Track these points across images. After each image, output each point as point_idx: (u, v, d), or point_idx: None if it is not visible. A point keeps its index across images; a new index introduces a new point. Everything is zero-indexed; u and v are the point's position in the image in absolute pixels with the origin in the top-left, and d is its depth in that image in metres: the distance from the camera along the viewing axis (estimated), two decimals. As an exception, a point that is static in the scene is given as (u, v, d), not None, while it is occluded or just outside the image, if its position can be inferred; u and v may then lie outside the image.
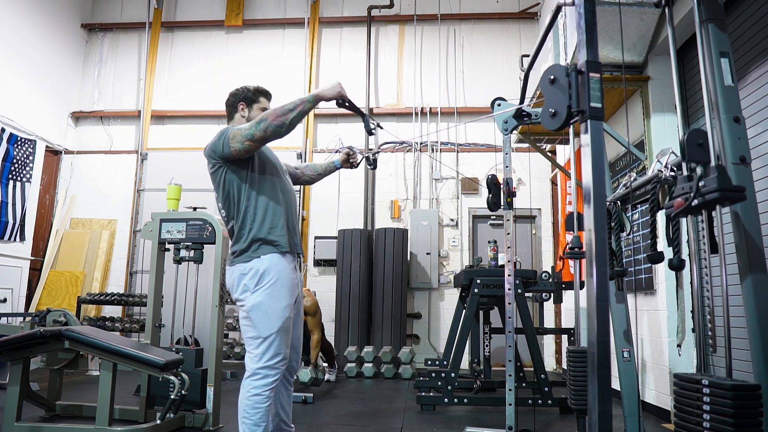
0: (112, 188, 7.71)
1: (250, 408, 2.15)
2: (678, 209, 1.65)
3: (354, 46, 7.84)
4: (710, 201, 1.57)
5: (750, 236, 1.74)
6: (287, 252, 2.30)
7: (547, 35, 2.64)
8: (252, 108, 2.47)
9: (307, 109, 2.20)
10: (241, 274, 2.25)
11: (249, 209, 2.28)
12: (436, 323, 7.04)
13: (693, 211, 1.64)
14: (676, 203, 1.65)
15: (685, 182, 1.67)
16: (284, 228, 2.31)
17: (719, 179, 1.55)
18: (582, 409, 2.78)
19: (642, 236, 4.17)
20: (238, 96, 2.48)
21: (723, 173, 1.56)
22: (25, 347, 3.08)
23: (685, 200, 1.63)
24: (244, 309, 2.25)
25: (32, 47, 7.17)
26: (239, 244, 2.28)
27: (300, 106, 2.17)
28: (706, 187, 1.57)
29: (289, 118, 2.16)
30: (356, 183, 7.40)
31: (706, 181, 1.58)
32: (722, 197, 1.54)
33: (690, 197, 1.61)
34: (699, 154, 1.67)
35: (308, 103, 2.20)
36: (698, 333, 2.74)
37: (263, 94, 2.51)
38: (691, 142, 1.68)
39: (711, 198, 1.56)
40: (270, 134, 2.18)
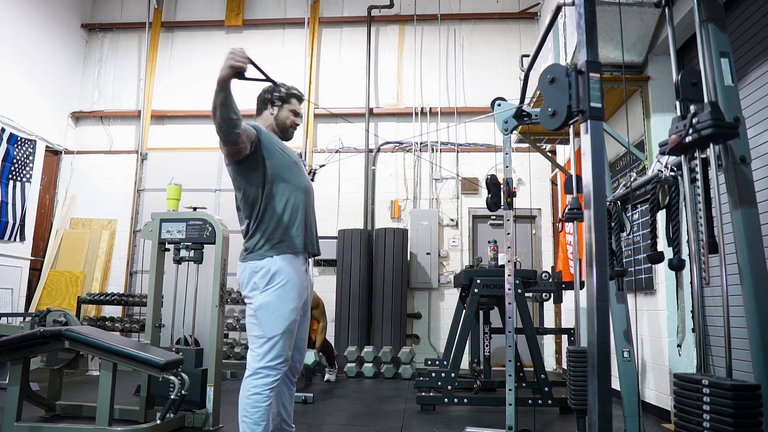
0: (112, 188, 7.71)
1: (250, 407, 2.15)
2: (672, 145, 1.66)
3: (354, 46, 7.84)
4: (704, 137, 1.58)
5: (750, 236, 1.74)
6: (300, 252, 2.30)
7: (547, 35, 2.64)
8: (282, 108, 2.44)
9: (222, 99, 2.02)
10: (252, 272, 2.24)
11: (267, 209, 2.27)
12: (436, 323, 7.04)
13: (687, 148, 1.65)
14: (671, 140, 1.66)
15: (679, 121, 1.68)
16: (300, 227, 2.31)
17: (712, 113, 1.56)
18: (582, 409, 2.78)
19: (642, 236, 4.17)
20: (270, 93, 2.44)
21: (716, 108, 1.57)
22: (25, 347, 3.08)
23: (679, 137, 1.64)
24: (251, 307, 2.25)
25: (32, 47, 7.17)
26: (253, 241, 2.27)
27: (217, 99, 2.04)
28: (700, 123, 1.59)
29: (217, 116, 2.06)
30: (356, 183, 7.40)
31: (700, 117, 1.59)
32: (716, 132, 1.56)
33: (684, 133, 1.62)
34: (693, 93, 1.69)
35: (218, 93, 2.03)
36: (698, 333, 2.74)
37: (296, 97, 2.48)
38: (685, 81, 1.70)
39: (705, 133, 1.57)
40: (222, 135, 2.10)
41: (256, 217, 2.28)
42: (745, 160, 1.79)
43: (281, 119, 2.45)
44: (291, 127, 2.49)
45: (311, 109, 7.56)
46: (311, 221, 2.41)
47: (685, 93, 1.68)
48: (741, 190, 1.77)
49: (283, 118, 2.45)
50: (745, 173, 1.78)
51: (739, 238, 1.75)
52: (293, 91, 2.49)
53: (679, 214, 1.99)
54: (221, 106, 2.04)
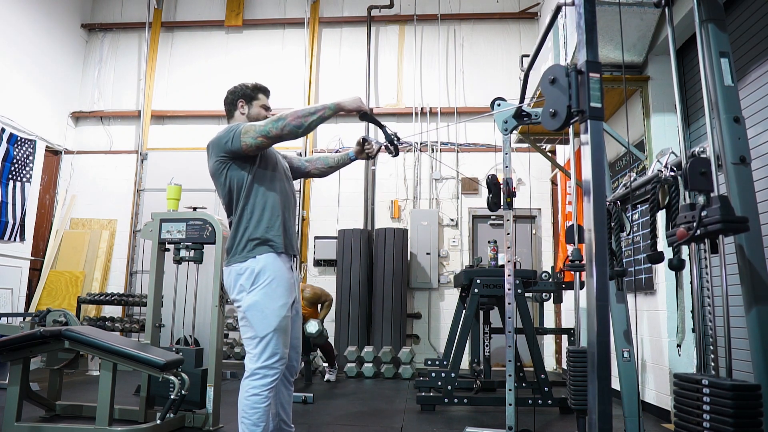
0: (112, 188, 7.71)
1: (249, 408, 2.15)
2: (681, 239, 1.64)
3: (354, 46, 7.84)
4: (713, 231, 1.56)
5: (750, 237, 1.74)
6: (282, 252, 2.30)
7: (547, 35, 2.64)
8: (252, 105, 2.46)
9: (327, 116, 2.24)
10: (237, 275, 2.25)
11: (247, 207, 2.28)
12: (436, 323, 7.04)
13: (696, 240, 1.63)
14: (679, 233, 1.64)
15: (687, 211, 1.66)
16: (280, 229, 2.31)
17: (722, 210, 1.53)
18: (582, 409, 2.78)
19: (642, 236, 4.17)
20: (236, 93, 2.47)
21: (726, 204, 1.55)
22: (25, 347, 3.08)
23: (687, 230, 1.62)
24: (241, 309, 2.25)
25: (32, 47, 7.17)
26: (235, 242, 2.27)
27: (321, 112, 2.21)
28: (709, 217, 1.56)
29: (308, 120, 2.19)
30: (356, 183, 7.40)
31: (709, 212, 1.57)
32: (725, 228, 1.53)
33: (693, 227, 1.60)
34: (702, 183, 1.66)
35: (329, 110, 2.24)
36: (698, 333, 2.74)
37: (262, 91, 2.51)
38: (694, 170, 1.67)
39: (714, 229, 1.55)
40: (286, 133, 2.19)
41: (238, 217, 2.29)
42: (745, 160, 1.79)
43: (253, 116, 2.45)
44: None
45: (311, 109, 7.55)
46: (290, 224, 2.41)
47: (694, 184, 1.67)
48: (741, 189, 1.77)
49: (255, 114, 2.46)
50: (745, 173, 1.78)
51: (739, 238, 1.75)
52: (259, 85, 2.51)
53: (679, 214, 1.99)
54: (320, 119, 2.23)
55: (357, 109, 2.34)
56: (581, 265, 2.78)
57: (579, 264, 2.78)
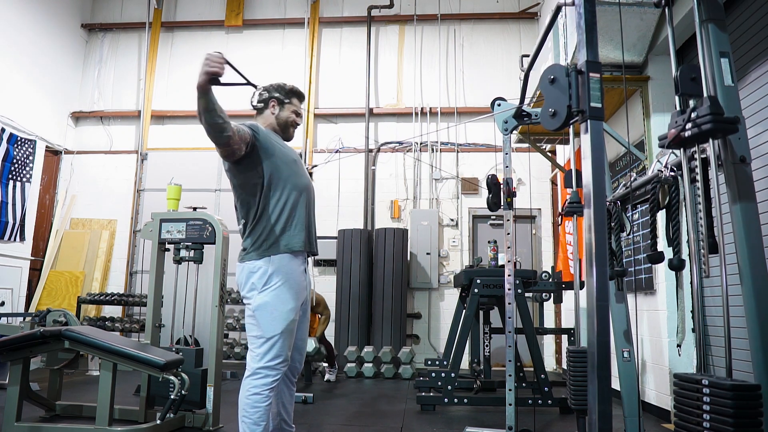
0: (112, 188, 7.72)
1: (250, 407, 2.15)
2: (671, 139, 1.65)
3: (354, 46, 7.84)
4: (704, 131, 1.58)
5: (750, 236, 1.74)
6: (299, 252, 2.29)
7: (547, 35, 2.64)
8: (284, 107, 2.44)
9: (204, 105, 2.01)
10: (250, 272, 2.24)
11: (264, 209, 2.27)
12: (436, 323, 7.04)
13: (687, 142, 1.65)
14: (670, 134, 1.66)
15: (679, 115, 1.68)
16: (299, 226, 2.30)
17: (711, 108, 1.55)
18: (582, 409, 2.78)
19: (642, 236, 4.17)
20: (272, 92, 2.44)
21: (715, 103, 1.57)
22: (25, 347, 3.08)
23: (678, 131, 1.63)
24: (250, 307, 2.25)
25: (32, 47, 7.17)
26: (250, 241, 2.27)
27: (198, 106, 2.04)
28: (699, 117, 1.58)
29: (203, 121, 2.06)
30: (356, 183, 7.40)
31: (699, 111, 1.59)
32: (715, 127, 1.55)
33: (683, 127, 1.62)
34: (692, 88, 1.68)
35: (199, 99, 2.02)
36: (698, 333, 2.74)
37: (297, 96, 2.49)
38: (684, 76, 1.69)
39: (705, 128, 1.57)
40: (214, 139, 2.10)
41: (254, 217, 2.28)
42: (745, 160, 1.79)
43: (282, 118, 2.44)
44: (292, 126, 2.49)
45: (311, 109, 7.56)
46: (311, 220, 2.40)
47: (684, 87, 1.68)
48: (741, 189, 1.77)
49: (285, 117, 2.45)
50: (745, 173, 1.78)
51: (739, 237, 1.75)
52: (295, 90, 2.49)
53: (679, 214, 1.99)
54: (205, 112, 2.03)
55: (207, 75, 1.98)
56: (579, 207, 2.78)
57: (578, 205, 2.78)
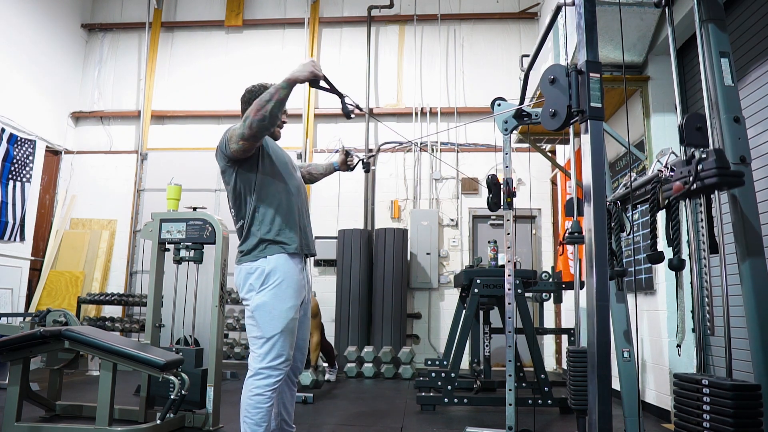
0: (112, 188, 7.72)
1: (252, 407, 2.15)
2: (677, 193, 1.64)
3: (354, 46, 7.84)
4: (709, 185, 1.56)
5: (750, 236, 1.74)
6: (295, 253, 2.30)
7: (547, 35, 2.64)
8: None
9: (283, 96, 2.13)
10: (247, 273, 2.24)
11: (259, 209, 2.27)
12: (436, 323, 7.04)
13: (692, 194, 1.63)
14: (675, 186, 1.65)
15: (684, 166, 1.66)
16: (294, 228, 2.30)
17: (717, 162, 1.54)
18: (582, 409, 2.78)
19: (642, 236, 4.17)
20: (254, 93, 2.44)
21: (721, 157, 1.55)
22: (25, 347, 3.08)
23: (684, 184, 1.62)
24: (249, 308, 2.25)
25: (32, 47, 7.17)
26: (247, 243, 2.27)
27: (275, 95, 2.12)
28: (705, 170, 1.56)
29: (268, 108, 2.11)
30: (356, 183, 7.40)
31: (705, 165, 1.57)
32: (721, 181, 1.53)
33: (689, 180, 1.60)
34: (698, 138, 1.67)
35: (283, 89, 2.12)
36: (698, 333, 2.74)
37: None
38: (690, 126, 1.68)
39: (710, 182, 1.55)
40: (257, 129, 2.13)
41: (250, 218, 2.28)
42: (745, 160, 1.79)
43: None
44: (278, 126, 2.48)
45: (311, 110, 7.56)
46: (305, 222, 2.41)
47: (690, 138, 1.66)
48: (741, 190, 1.77)
49: None
50: (745, 173, 1.78)
51: (739, 238, 1.75)
52: None
53: (679, 214, 1.99)
54: (278, 102, 2.11)
55: (310, 77, 2.16)
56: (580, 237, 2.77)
57: (578, 236, 2.77)
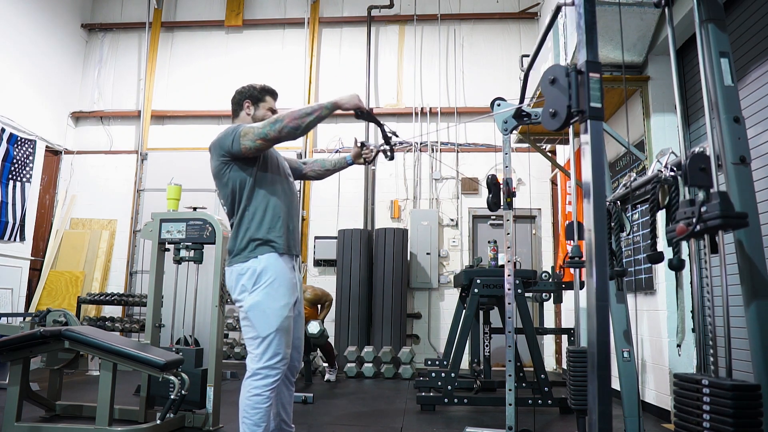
0: (112, 188, 7.72)
1: (251, 408, 2.15)
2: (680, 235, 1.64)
3: (354, 46, 7.84)
4: (712, 227, 1.55)
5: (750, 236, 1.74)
6: (284, 253, 2.30)
7: (547, 35, 2.64)
8: (258, 107, 2.46)
9: (324, 115, 2.21)
10: (239, 275, 2.25)
11: (249, 208, 2.28)
12: (436, 323, 7.04)
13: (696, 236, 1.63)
14: (679, 229, 1.64)
15: (687, 206, 1.66)
16: (283, 229, 2.31)
17: (722, 206, 1.53)
18: (582, 409, 2.78)
19: (642, 236, 4.17)
20: (244, 94, 2.47)
21: (725, 200, 1.55)
22: (25, 347, 3.08)
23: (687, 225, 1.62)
24: (242, 309, 2.25)
25: (32, 47, 7.17)
26: (236, 243, 2.27)
27: (317, 112, 2.19)
28: (709, 213, 1.56)
29: (306, 121, 2.17)
30: (356, 183, 7.40)
31: (709, 207, 1.57)
32: (725, 224, 1.53)
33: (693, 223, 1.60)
34: (701, 179, 1.67)
35: (326, 109, 2.21)
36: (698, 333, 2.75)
37: (269, 93, 2.51)
38: (693, 166, 1.67)
39: (713, 224, 1.55)
40: (284, 135, 2.19)
41: (239, 217, 2.29)
42: (745, 160, 1.79)
43: (259, 118, 2.45)
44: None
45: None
46: (294, 225, 2.41)
47: (694, 179, 1.67)
48: (741, 190, 1.77)
49: (261, 116, 2.45)
50: (745, 173, 1.78)
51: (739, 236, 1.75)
52: (267, 88, 2.51)
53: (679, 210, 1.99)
54: (317, 119, 2.20)
55: (354, 108, 2.30)
56: (581, 262, 2.77)
57: (579, 261, 2.78)
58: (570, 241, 2.94)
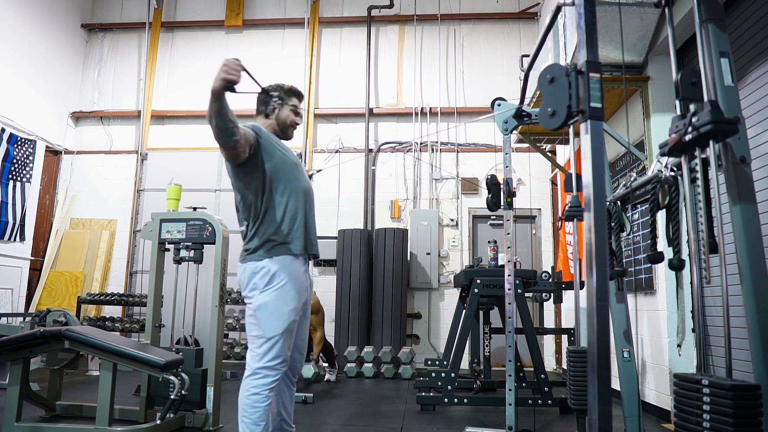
0: (112, 188, 7.72)
1: (249, 407, 2.15)
2: (672, 144, 1.66)
3: (354, 46, 7.84)
4: (704, 134, 1.59)
5: (750, 236, 1.74)
6: (300, 254, 2.30)
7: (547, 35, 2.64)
8: (283, 107, 2.43)
9: (217, 107, 1.99)
10: (252, 273, 2.24)
11: (267, 212, 2.27)
12: (436, 323, 7.04)
13: (687, 147, 1.66)
14: (671, 139, 1.67)
15: (679, 120, 1.69)
16: (300, 229, 2.31)
17: (712, 112, 1.56)
18: (582, 409, 2.78)
19: (642, 236, 4.17)
20: (270, 92, 2.44)
21: (716, 107, 1.58)
22: (25, 347, 3.08)
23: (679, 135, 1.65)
24: (251, 307, 2.25)
25: (32, 47, 7.17)
26: (253, 242, 2.27)
27: (211, 108, 2.00)
28: (700, 120, 1.59)
29: (213, 122, 2.04)
30: (356, 183, 7.40)
31: (700, 116, 1.60)
32: (715, 129, 1.57)
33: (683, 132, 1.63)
34: (692, 92, 1.70)
35: (213, 102, 1.99)
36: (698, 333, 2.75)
37: (295, 95, 2.48)
38: (685, 80, 1.70)
39: (705, 131, 1.58)
40: (220, 140, 2.08)
41: (255, 220, 2.28)
42: (745, 160, 1.78)
43: (282, 118, 2.44)
44: (291, 126, 2.48)
45: (311, 110, 7.56)
46: (311, 223, 2.41)
47: (685, 92, 1.69)
48: (741, 189, 1.77)
49: (284, 117, 2.44)
50: (745, 173, 1.78)
51: (739, 237, 1.75)
52: (294, 89, 2.49)
53: (679, 214, 1.99)
54: (216, 116, 2.01)
55: (222, 84, 1.95)
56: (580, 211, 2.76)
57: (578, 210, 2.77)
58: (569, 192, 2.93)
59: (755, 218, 1.76)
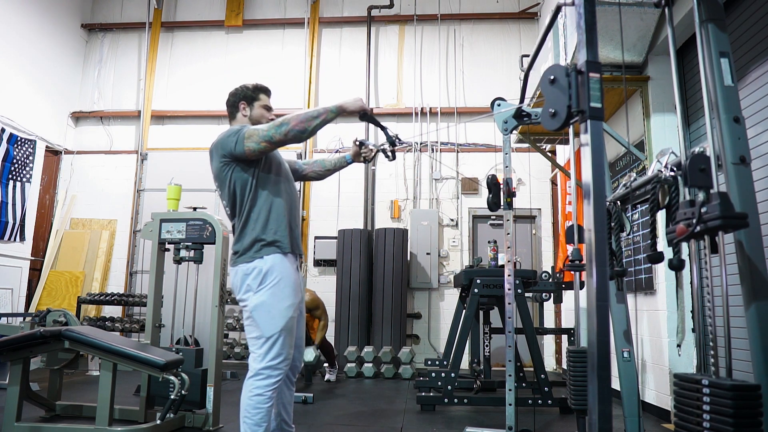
0: (112, 188, 7.72)
1: (252, 408, 2.15)
2: (680, 235, 1.64)
3: (354, 46, 7.84)
4: (712, 228, 1.56)
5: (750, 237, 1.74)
6: (289, 252, 2.31)
7: (547, 35, 2.64)
8: (253, 106, 2.47)
9: (329, 119, 2.24)
10: (244, 275, 2.24)
11: (253, 210, 2.28)
12: (436, 323, 7.04)
13: (695, 236, 1.63)
14: (679, 229, 1.65)
15: (687, 207, 1.66)
16: (286, 228, 2.32)
17: (722, 206, 1.53)
18: (582, 409, 2.78)
19: (642, 236, 4.17)
20: (238, 95, 2.47)
21: (725, 200, 1.55)
22: (25, 347, 3.08)
23: (687, 226, 1.62)
24: (247, 309, 2.25)
25: (32, 47, 7.17)
26: (241, 243, 2.27)
27: (323, 116, 2.21)
28: (709, 213, 1.56)
29: (312, 125, 2.20)
30: (356, 183, 7.40)
31: (709, 208, 1.57)
32: (725, 224, 1.54)
33: (693, 224, 1.60)
34: (701, 180, 1.67)
35: (331, 113, 2.24)
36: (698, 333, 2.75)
37: (263, 91, 2.51)
38: (693, 167, 1.68)
39: (713, 225, 1.55)
40: (290, 138, 2.20)
41: (244, 218, 2.28)
42: (745, 160, 1.79)
43: (256, 117, 2.45)
44: (266, 122, 2.49)
45: (311, 109, 7.55)
46: (295, 224, 2.41)
47: (693, 180, 1.67)
48: (741, 190, 1.77)
49: (257, 116, 2.46)
50: (745, 173, 1.78)
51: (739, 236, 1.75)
52: (260, 86, 2.51)
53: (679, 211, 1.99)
54: (323, 122, 2.23)
55: (359, 110, 2.33)
56: (581, 265, 2.77)
57: (579, 264, 2.78)
58: (570, 243, 2.94)
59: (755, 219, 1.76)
